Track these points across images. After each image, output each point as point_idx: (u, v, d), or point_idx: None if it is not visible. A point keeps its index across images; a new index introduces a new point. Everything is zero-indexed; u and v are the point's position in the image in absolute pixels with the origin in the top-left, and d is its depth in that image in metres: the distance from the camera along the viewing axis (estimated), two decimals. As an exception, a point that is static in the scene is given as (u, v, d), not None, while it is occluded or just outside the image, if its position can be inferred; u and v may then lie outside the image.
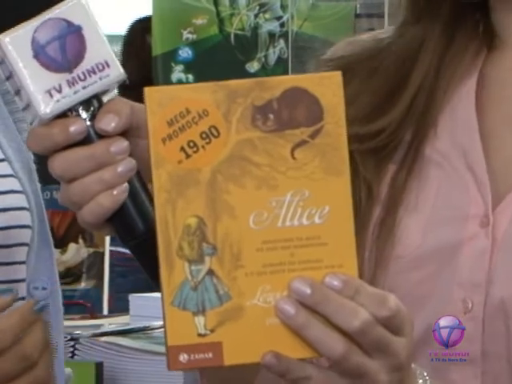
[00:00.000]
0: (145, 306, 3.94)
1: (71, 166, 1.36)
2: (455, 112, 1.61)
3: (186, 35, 6.07)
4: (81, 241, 4.34)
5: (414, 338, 1.47)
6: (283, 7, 5.96)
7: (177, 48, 6.10)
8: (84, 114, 1.38)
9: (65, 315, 3.81)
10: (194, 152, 1.29)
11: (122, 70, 1.42)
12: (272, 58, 6.07)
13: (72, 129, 1.34)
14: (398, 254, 1.56)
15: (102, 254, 4.38)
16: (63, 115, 1.38)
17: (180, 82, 6.05)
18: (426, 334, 1.56)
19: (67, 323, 3.77)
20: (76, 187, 1.36)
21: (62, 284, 4.05)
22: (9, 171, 1.65)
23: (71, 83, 1.38)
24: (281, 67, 5.91)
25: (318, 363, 1.38)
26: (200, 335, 1.27)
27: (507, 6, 1.57)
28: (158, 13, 6.19)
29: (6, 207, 1.61)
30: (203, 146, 1.29)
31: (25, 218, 1.65)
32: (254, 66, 6.05)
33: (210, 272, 1.28)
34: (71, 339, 3.58)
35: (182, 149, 1.30)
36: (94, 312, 4.10)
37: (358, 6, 5.38)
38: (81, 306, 4.21)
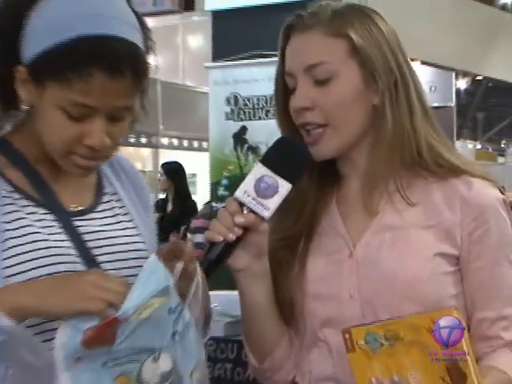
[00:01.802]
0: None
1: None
2: (328, 213, 1.66)
3: (225, 173, 5.94)
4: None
5: (321, 320, 1.61)
6: None
7: (220, 179, 5.95)
8: (245, 210, 1.48)
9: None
10: None
11: (266, 217, 1.49)
12: None
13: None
14: (310, 277, 1.62)
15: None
16: (241, 204, 1.48)
17: (222, 196, 5.88)
18: (329, 318, 1.60)
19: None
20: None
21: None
22: (143, 247, 1.57)
23: (252, 197, 1.47)
24: None
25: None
26: None
27: (344, 163, 1.65)
28: (213, 163, 6.06)
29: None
30: None
31: None
32: None
33: None
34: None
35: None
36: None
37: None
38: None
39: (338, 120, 1.58)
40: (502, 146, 24.68)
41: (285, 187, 1.49)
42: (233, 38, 5.84)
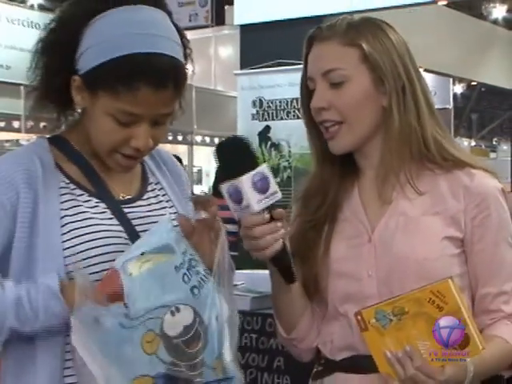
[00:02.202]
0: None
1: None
2: (350, 202, 1.66)
3: None
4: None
5: (342, 296, 1.61)
6: (290, 157, 5.88)
7: None
8: (266, 213, 1.44)
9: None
10: None
11: (280, 193, 1.45)
12: (284, 176, 5.81)
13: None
14: (333, 258, 1.62)
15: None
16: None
17: None
18: (349, 294, 1.60)
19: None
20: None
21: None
22: None
23: (264, 198, 1.43)
24: (289, 181, 5.72)
25: None
26: None
27: (360, 157, 1.65)
28: None
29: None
30: None
31: None
32: (277, 180, 5.39)
33: None
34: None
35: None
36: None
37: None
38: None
39: (352, 118, 1.58)
40: (494, 143, 24.58)
41: (266, 169, 1.44)
42: (258, 48, 5.88)
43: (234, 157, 1.46)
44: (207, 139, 11.52)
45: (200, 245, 1.42)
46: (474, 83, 16.01)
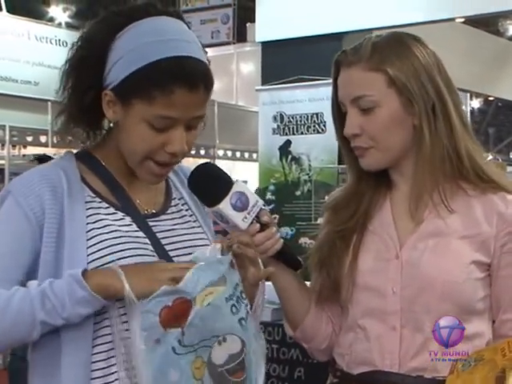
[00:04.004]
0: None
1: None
2: (381, 214, 1.65)
3: (272, 180, 5.95)
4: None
5: (364, 309, 1.59)
6: (310, 171, 5.77)
7: (268, 185, 5.97)
8: (256, 223, 1.46)
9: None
10: None
11: (261, 200, 1.49)
12: (304, 190, 5.76)
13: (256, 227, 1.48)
14: (360, 269, 1.61)
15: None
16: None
17: (269, 200, 5.86)
18: (371, 308, 1.58)
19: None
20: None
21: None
22: (208, 243, 1.55)
23: (247, 213, 1.45)
24: (309, 195, 5.73)
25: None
26: None
27: (393, 173, 1.65)
28: (261, 171, 6.07)
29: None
30: None
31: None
32: (297, 193, 5.79)
33: None
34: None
35: None
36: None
37: (340, 169, 5.31)
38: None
39: (382, 142, 1.57)
40: (511, 156, 24.38)
41: (240, 185, 1.45)
42: (279, 64, 5.90)
43: (207, 186, 1.46)
44: (229, 153, 11.53)
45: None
46: (490, 98, 15.95)
